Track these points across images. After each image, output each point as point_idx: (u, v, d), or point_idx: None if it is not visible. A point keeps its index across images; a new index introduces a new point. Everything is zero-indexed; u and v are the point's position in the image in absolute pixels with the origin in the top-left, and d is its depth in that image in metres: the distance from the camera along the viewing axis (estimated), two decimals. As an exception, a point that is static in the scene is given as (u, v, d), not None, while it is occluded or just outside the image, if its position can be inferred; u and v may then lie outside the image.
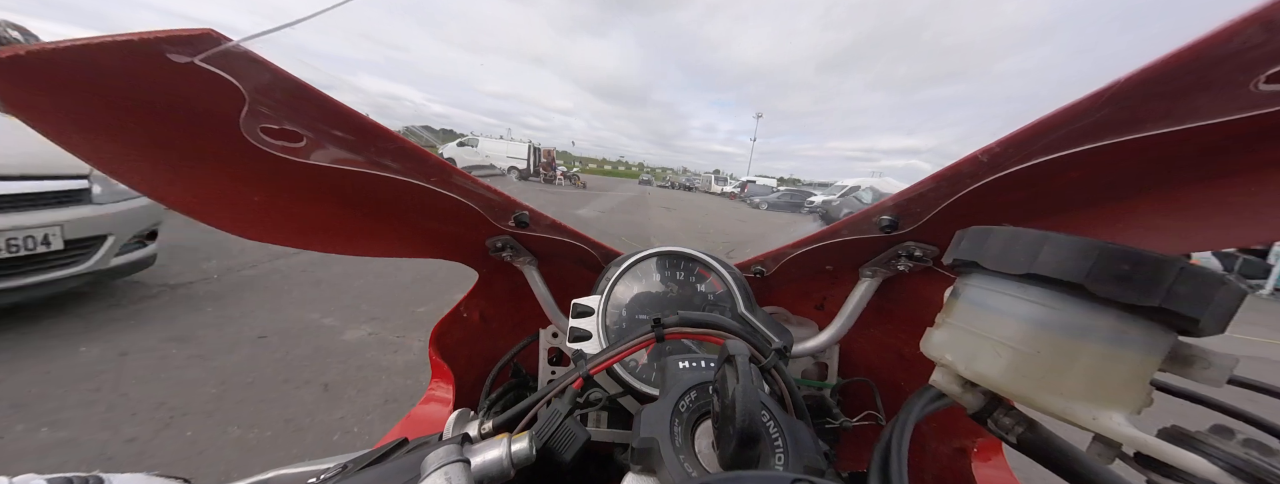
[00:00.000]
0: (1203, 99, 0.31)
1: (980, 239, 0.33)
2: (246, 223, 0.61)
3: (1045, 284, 0.29)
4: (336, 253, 0.73)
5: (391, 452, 0.44)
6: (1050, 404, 0.28)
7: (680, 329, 0.52)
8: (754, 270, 0.87)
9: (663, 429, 0.37)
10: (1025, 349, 0.29)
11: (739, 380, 0.34)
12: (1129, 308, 0.26)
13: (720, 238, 10.58)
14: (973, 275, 0.35)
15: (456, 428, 0.48)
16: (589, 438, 0.43)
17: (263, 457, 1.92)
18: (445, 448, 0.37)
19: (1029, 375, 0.29)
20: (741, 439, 0.32)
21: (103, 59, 0.35)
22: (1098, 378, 0.27)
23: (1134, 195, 0.45)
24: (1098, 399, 0.27)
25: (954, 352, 0.34)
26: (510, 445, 0.39)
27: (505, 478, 0.38)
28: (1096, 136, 0.36)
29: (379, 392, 2.50)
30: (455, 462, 0.35)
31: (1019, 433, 0.34)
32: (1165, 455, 0.27)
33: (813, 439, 0.40)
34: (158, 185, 0.51)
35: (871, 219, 0.62)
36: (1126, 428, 0.27)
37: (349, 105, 0.44)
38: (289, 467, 0.47)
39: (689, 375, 0.45)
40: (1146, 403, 0.29)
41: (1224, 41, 0.27)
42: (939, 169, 0.50)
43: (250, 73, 0.38)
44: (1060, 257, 0.27)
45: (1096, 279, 0.26)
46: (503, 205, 0.70)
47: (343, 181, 0.56)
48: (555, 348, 0.87)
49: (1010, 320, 0.30)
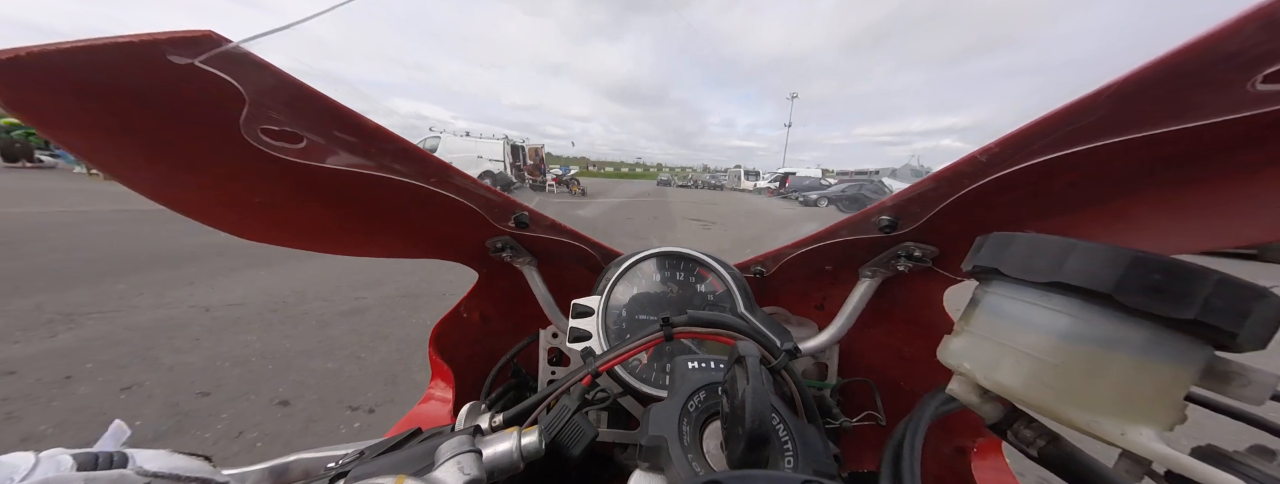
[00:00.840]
0: (1201, 98, 0.31)
1: (1002, 245, 0.32)
2: (246, 224, 0.62)
3: (1071, 293, 0.28)
4: (336, 253, 0.73)
5: (406, 440, 0.45)
6: (1075, 418, 0.27)
7: (689, 329, 0.52)
8: (754, 271, 0.87)
9: (671, 428, 0.38)
10: (1049, 360, 0.28)
11: (749, 381, 0.34)
12: (1161, 320, 0.25)
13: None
14: (993, 283, 0.34)
15: (468, 420, 0.49)
16: (597, 435, 0.44)
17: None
18: (458, 438, 0.38)
19: (1053, 387, 0.28)
20: (751, 440, 0.32)
21: (103, 60, 0.35)
22: (1127, 392, 0.26)
23: (1133, 195, 0.45)
24: (1126, 414, 0.26)
25: (973, 360, 0.33)
26: (520, 438, 0.40)
27: (514, 470, 0.39)
28: (1096, 136, 0.36)
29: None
30: (468, 452, 0.36)
31: (1041, 446, 0.33)
32: (1198, 475, 0.25)
33: (822, 442, 0.40)
34: (158, 186, 0.51)
35: (871, 219, 0.62)
36: (1157, 445, 0.25)
37: (349, 107, 0.44)
38: (308, 451, 0.48)
39: (698, 376, 0.45)
40: (1179, 419, 0.27)
41: (1223, 40, 0.27)
42: (938, 169, 0.50)
43: (250, 74, 0.38)
44: (1087, 265, 0.26)
45: (1126, 290, 0.25)
46: (502, 206, 0.70)
47: (343, 182, 0.56)
48: (555, 348, 0.87)
49: (1033, 330, 0.29)
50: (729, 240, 9.86)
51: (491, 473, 0.38)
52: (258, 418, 2.15)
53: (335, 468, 0.40)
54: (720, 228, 12.09)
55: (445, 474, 0.34)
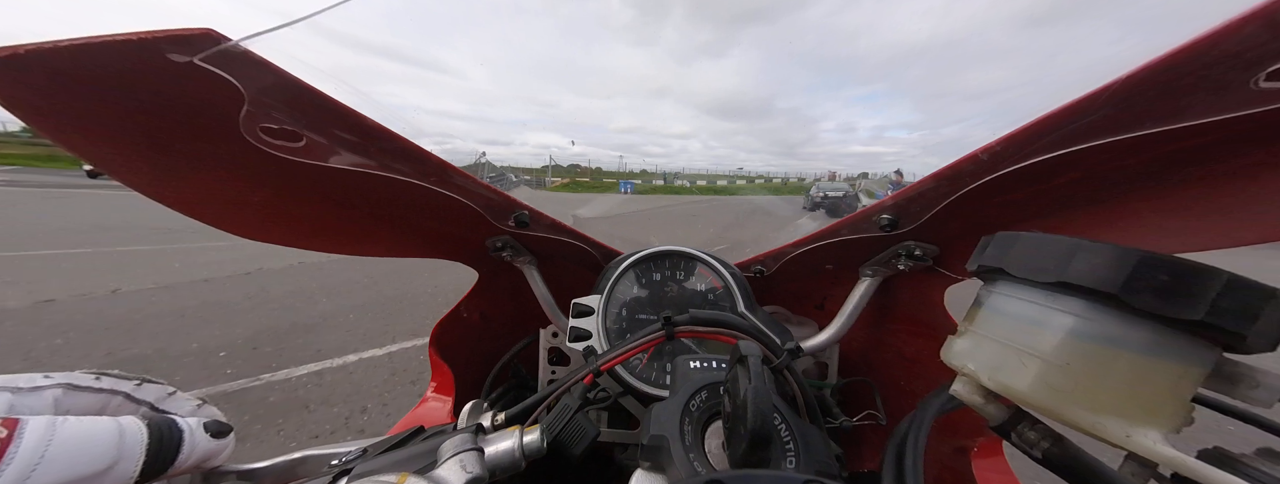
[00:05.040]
0: (1202, 97, 0.31)
1: (1006, 245, 0.31)
2: (246, 223, 0.61)
3: (1077, 293, 0.27)
4: (336, 253, 0.73)
5: (409, 438, 0.45)
6: (1080, 419, 0.27)
7: (691, 327, 0.52)
8: (754, 270, 0.87)
9: (673, 428, 0.38)
10: (1054, 360, 0.28)
11: (752, 381, 0.33)
12: (1168, 321, 0.25)
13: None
14: (998, 282, 0.33)
15: (470, 419, 0.49)
16: (599, 434, 0.44)
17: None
18: (461, 436, 0.38)
19: (1058, 388, 0.27)
20: (753, 440, 0.32)
21: (101, 58, 0.35)
22: (1132, 393, 0.26)
23: (1133, 195, 0.45)
24: (1132, 415, 0.26)
25: (977, 361, 0.32)
26: (522, 437, 0.40)
27: (516, 469, 0.39)
28: (1097, 135, 0.36)
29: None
30: (470, 450, 0.37)
31: (1045, 448, 0.33)
32: (1204, 478, 0.25)
33: (825, 442, 0.40)
34: (157, 185, 0.51)
35: (871, 218, 0.62)
36: (1163, 447, 0.25)
37: (350, 105, 0.44)
38: (313, 448, 0.49)
39: (700, 375, 0.45)
40: (1186, 422, 0.27)
41: (1225, 38, 0.27)
42: (939, 167, 0.50)
43: (250, 72, 0.38)
44: (1093, 265, 0.26)
45: (1133, 290, 0.24)
46: (502, 205, 0.70)
47: (343, 181, 0.56)
48: (555, 348, 0.87)
49: (1038, 330, 0.29)
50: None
51: (493, 471, 0.38)
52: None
53: (339, 465, 0.40)
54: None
55: (447, 472, 0.35)
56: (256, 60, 0.37)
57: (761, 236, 9.83)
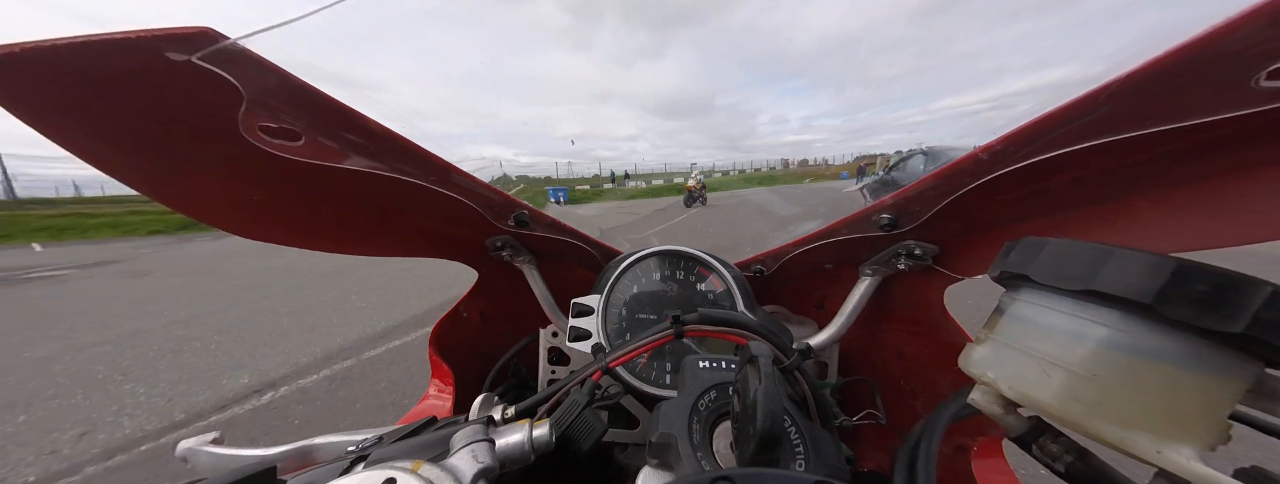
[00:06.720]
0: (1203, 96, 0.31)
1: (1032, 251, 0.30)
2: (245, 222, 0.61)
3: (1106, 302, 0.26)
4: (336, 252, 0.73)
5: (422, 428, 0.46)
6: (1107, 433, 0.25)
7: (701, 327, 0.52)
8: (754, 269, 0.87)
9: (681, 426, 0.38)
10: (1081, 371, 0.26)
11: (762, 381, 0.33)
12: (1206, 333, 0.23)
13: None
14: (1022, 289, 0.32)
15: (481, 411, 0.49)
16: (606, 430, 0.44)
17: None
18: (473, 427, 0.39)
19: (1084, 400, 0.26)
20: (762, 441, 0.32)
21: (99, 57, 0.35)
22: (1165, 407, 0.24)
23: (1135, 193, 0.45)
24: (1164, 431, 0.24)
25: (997, 370, 0.31)
26: (531, 431, 0.41)
27: (525, 461, 0.40)
28: (1097, 134, 0.36)
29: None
30: (481, 441, 0.38)
31: (1068, 462, 0.31)
32: None
33: (835, 445, 0.39)
34: (156, 184, 0.51)
35: (871, 218, 0.62)
36: (1196, 465, 0.23)
37: (348, 104, 0.44)
38: (330, 435, 0.50)
39: (709, 375, 0.45)
40: (1223, 439, 0.25)
41: (1225, 37, 0.27)
42: (938, 167, 0.50)
43: (248, 71, 0.38)
44: (1125, 273, 0.25)
45: (1167, 300, 0.23)
46: (502, 205, 0.70)
47: (342, 181, 0.56)
48: (555, 347, 0.87)
49: (1064, 339, 0.28)
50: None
51: (503, 462, 0.39)
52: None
53: (356, 451, 0.41)
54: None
55: (460, 461, 0.36)
56: (255, 59, 0.37)
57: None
